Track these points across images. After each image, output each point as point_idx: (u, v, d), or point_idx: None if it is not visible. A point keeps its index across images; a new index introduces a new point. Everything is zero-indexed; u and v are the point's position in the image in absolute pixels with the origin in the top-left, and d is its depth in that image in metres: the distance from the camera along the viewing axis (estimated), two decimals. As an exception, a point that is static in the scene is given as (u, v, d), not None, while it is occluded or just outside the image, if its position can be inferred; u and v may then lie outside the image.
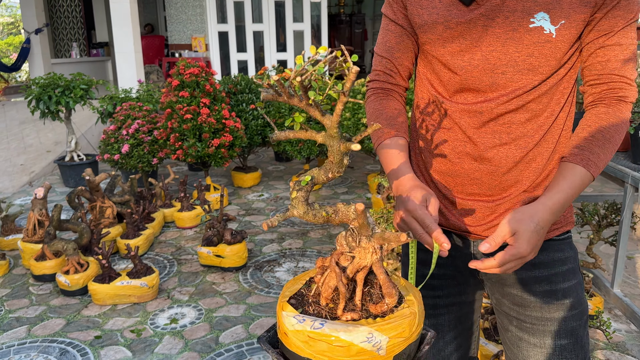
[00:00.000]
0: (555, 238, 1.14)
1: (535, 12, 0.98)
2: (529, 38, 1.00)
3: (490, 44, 1.02)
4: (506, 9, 1.00)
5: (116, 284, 2.83)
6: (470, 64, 1.04)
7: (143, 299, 2.89)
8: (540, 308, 1.14)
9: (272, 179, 5.42)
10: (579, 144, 1.00)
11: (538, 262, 1.13)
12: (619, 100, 1.03)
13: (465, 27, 1.03)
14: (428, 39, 1.09)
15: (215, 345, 2.50)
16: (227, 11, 7.96)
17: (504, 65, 1.02)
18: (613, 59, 1.01)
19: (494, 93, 1.05)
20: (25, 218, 4.28)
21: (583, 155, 0.98)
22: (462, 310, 1.27)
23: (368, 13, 13.03)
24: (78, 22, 11.35)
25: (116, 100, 4.94)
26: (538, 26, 0.99)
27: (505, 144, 1.07)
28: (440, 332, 1.28)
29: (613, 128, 1.01)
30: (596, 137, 0.99)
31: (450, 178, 1.14)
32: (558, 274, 1.13)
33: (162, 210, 4.06)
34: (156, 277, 2.92)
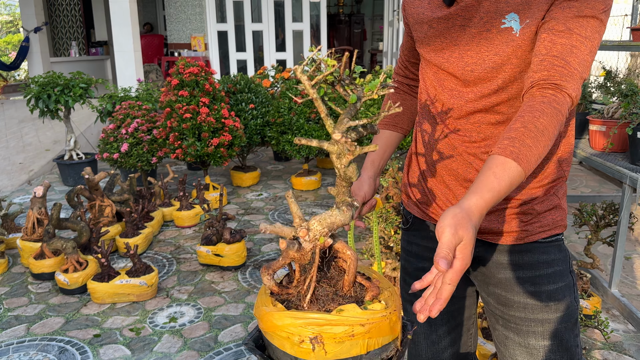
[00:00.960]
0: (540, 240, 1.14)
1: (506, 13, 1.00)
2: (500, 38, 1.02)
3: (467, 44, 1.06)
4: (482, 10, 1.03)
5: (115, 282, 2.83)
6: (448, 61, 1.09)
7: (142, 298, 2.89)
8: (524, 309, 1.14)
9: (271, 179, 5.42)
10: (510, 135, 0.90)
11: (522, 262, 1.13)
12: (555, 89, 0.93)
13: (445, 27, 1.09)
14: (417, 37, 1.17)
15: (214, 344, 2.50)
16: (226, 11, 7.96)
17: (474, 63, 1.05)
18: (559, 43, 0.95)
19: (465, 90, 1.09)
20: (25, 217, 4.28)
21: (514, 148, 0.88)
22: (454, 305, 1.29)
23: (367, 13, 13.04)
24: (77, 20, 11.34)
25: (115, 99, 4.94)
26: (508, 27, 1.00)
27: (474, 142, 1.11)
28: (433, 325, 1.31)
29: (548, 120, 0.91)
30: (529, 129, 0.89)
31: (433, 169, 1.20)
32: (543, 275, 1.13)
33: (161, 209, 4.06)
34: (155, 275, 2.92)
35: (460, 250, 0.79)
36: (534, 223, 1.12)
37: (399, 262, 2.84)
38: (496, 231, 1.14)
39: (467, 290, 1.30)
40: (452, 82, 1.11)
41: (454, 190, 1.17)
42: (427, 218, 1.25)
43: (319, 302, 0.87)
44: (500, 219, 1.13)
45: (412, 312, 1.35)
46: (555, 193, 1.14)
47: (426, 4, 1.14)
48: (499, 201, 0.87)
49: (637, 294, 2.94)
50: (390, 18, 7.82)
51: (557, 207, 1.14)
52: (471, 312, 1.33)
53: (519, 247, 1.14)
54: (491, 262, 1.17)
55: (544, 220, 1.13)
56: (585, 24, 0.96)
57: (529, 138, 0.88)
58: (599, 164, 2.79)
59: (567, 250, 1.18)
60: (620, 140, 2.87)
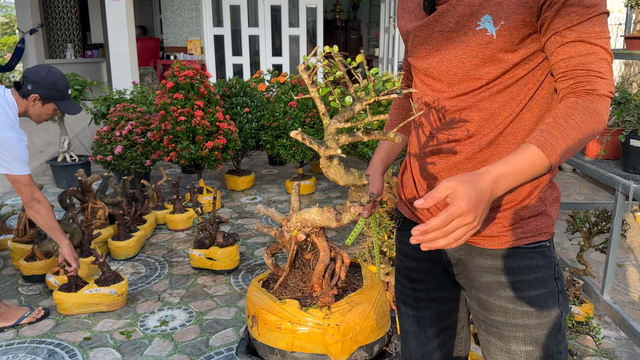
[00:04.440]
0: (523, 246, 1.13)
1: (481, 15, 1.03)
2: (475, 40, 1.04)
3: (447, 48, 1.09)
4: (457, 14, 1.06)
5: (84, 292, 2.73)
6: (431, 66, 1.13)
7: (112, 307, 2.79)
8: (504, 313, 1.14)
9: (265, 183, 5.41)
10: (540, 128, 0.96)
11: (504, 267, 1.14)
12: (587, 93, 0.97)
13: (427, 34, 1.13)
14: (407, 48, 1.23)
15: (206, 348, 2.49)
16: (223, 15, 7.97)
17: (455, 67, 1.08)
18: (575, 55, 0.98)
19: (448, 92, 1.12)
20: (16, 218, 4.25)
21: (541, 137, 0.93)
22: (443, 307, 1.30)
23: (364, 19, 13.09)
24: (73, 23, 11.32)
25: (110, 102, 4.93)
26: (483, 28, 1.03)
27: (458, 140, 1.12)
28: (422, 326, 1.32)
29: (579, 116, 0.95)
30: (558, 123, 0.94)
31: (421, 170, 1.22)
32: (524, 281, 1.13)
33: (154, 212, 4.04)
34: (125, 284, 2.84)
35: (451, 198, 0.84)
36: (517, 228, 1.12)
37: (392, 267, 2.84)
38: (478, 234, 1.15)
39: (458, 293, 1.30)
40: (437, 85, 1.14)
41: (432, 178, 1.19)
42: (415, 219, 1.27)
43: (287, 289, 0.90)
44: (484, 223, 1.13)
45: (404, 312, 1.35)
46: (543, 200, 1.13)
47: (412, 15, 1.18)
48: (518, 177, 0.91)
49: (630, 301, 2.94)
50: (386, 24, 7.85)
51: (543, 213, 1.13)
52: (461, 315, 1.33)
53: (501, 251, 1.14)
54: (474, 265, 1.17)
55: (527, 227, 1.12)
56: (591, 24, 0.97)
57: (557, 130, 0.93)
58: (592, 171, 2.80)
59: (553, 257, 1.17)
60: (613, 147, 2.88)
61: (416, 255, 1.28)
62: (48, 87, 2.59)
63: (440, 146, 1.15)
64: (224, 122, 4.28)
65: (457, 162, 1.13)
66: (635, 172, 2.61)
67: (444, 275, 1.27)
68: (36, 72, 2.58)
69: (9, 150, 2.38)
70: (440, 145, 1.15)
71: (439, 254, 1.24)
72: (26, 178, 2.46)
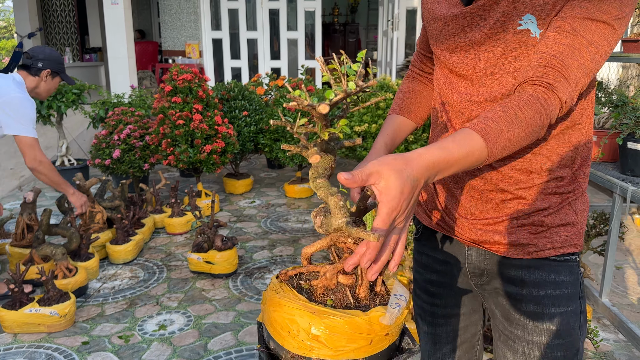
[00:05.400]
0: (552, 258, 1.05)
1: (522, 14, 0.95)
2: (516, 40, 0.97)
3: (484, 45, 1.01)
4: (498, 10, 0.98)
5: (24, 311, 2.55)
6: (464, 62, 1.05)
7: (54, 329, 2.61)
8: (523, 328, 1.08)
9: (264, 186, 5.41)
10: (487, 115, 0.86)
11: (528, 279, 1.07)
12: (547, 88, 0.89)
13: (460, 25, 1.04)
14: (431, 34, 1.12)
15: (204, 352, 2.48)
16: (221, 18, 7.98)
17: (492, 66, 1.01)
18: (561, 43, 0.90)
19: (476, 95, 1.04)
20: (14, 222, 4.24)
21: (485, 125, 0.84)
22: (460, 323, 1.24)
23: (362, 23, 13.12)
24: (72, 26, 11.33)
25: (108, 105, 4.93)
26: (525, 29, 0.95)
27: None
28: (437, 344, 1.26)
29: (530, 112, 0.87)
30: (508, 114, 0.85)
31: None
32: (548, 296, 1.05)
33: (153, 216, 4.04)
34: (70, 304, 2.64)
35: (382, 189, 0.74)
36: (543, 237, 1.05)
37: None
38: (503, 242, 1.08)
39: (475, 306, 1.24)
40: (463, 86, 1.07)
41: (458, 197, 1.12)
42: (434, 227, 1.20)
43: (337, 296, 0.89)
44: (508, 229, 1.07)
45: (420, 327, 1.30)
46: (573, 208, 1.05)
47: (447, 1, 1.08)
48: (450, 168, 0.81)
49: (628, 304, 2.94)
50: (384, 28, 7.87)
51: (573, 223, 1.05)
52: (477, 329, 1.28)
53: (527, 262, 1.07)
54: (499, 275, 1.11)
55: (555, 236, 1.05)
56: (594, 28, 0.90)
57: (504, 122, 0.85)
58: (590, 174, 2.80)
59: (580, 274, 1.09)
60: (611, 150, 2.89)
61: (437, 267, 1.22)
62: (56, 62, 2.91)
63: None
64: (222, 126, 4.28)
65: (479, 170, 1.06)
66: (633, 174, 2.61)
67: (464, 291, 1.21)
68: (41, 51, 2.87)
69: (14, 110, 2.56)
70: None
71: (463, 265, 1.17)
72: (30, 139, 2.65)
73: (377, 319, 0.84)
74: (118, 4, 6.06)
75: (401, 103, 1.30)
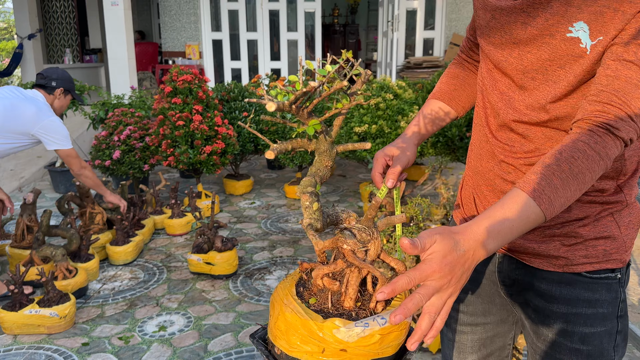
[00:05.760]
0: (585, 274, 0.97)
1: (574, 20, 0.85)
2: (563, 48, 0.88)
3: (529, 45, 0.93)
4: (548, 10, 0.88)
5: (24, 312, 2.55)
6: (507, 60, 0.97)
7: (54, 330, 2.60)
8: (551, 345, 1.01)
9: (264, 187, 5.41)
10: (538, 170, 0.79)
11: (559, 295, 0.99)
12: (607, 131, 0.81)
13: (507, 21, 0.96)
14: (479, 24, 1.06)
15: (204, 353, 2.48)
16: (221, 19, 7.99)
17: (535, 70, 0.93)
18: (623, 77, 0.81)
19: (516, 98, 0.97)
20: (14, 223, 4.24)
21: (538, 185, 0.77)
22: (487, 332, 1.17)
23: (362, 23, 13.12)
24: (72, 28, 11.34)
25: (108, 106, 4.93)
26: (575, 37, 0.86)
27: (515, 153, 1.00)
28: (462, 352, 1.20)
29: (587, 162, 0.79)
30: (562, 168, 0.78)
31: (475, 176, 1.11)
32: (580, 314, 0.97)
33: (153, 217, 4.03)
34: (70, 306, 2.64)
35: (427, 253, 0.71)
36: (577, 250, 0.96)
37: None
38: (533, 252, 1.01)
39: (503, 316, 1.16)
40: (504, 85, 1.00)
41: (490, 201, 1.06)
42: None
43: None
44: (539, 238, 0.99)
45: (445, 335, 1.24)
46: (616, 220, 0.97)
47: None
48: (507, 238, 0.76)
49: (629, 304, 2.94)
50: (384, 29, 7.87)
51: (614, 237, 0.96)
52: (506, 341, 1.20)
53: (559, 276, 0.99)
54: (530, 286, 1.05)
55: (592, 250, 0.96)
56: None
57: (558, 178, 0.78)
58: None
59: (620, 292, 0.98)
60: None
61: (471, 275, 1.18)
62: (68, 81, 3.20)
63: (494, 154, 1.04)
64: (222, 127, 4.28)
65: (510, 172, 1.01)
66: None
67: (492, 299, 1.15)
68: (54, 71, 3.16)
69: (57, 130, 2.99)
70: (493, 153, 1.04)
71: (492, 274, 1.12)
72: (74, 151, 3.11)
73: (330, 329, 0.79)
74: (118, 5, 6.06)
75: (443, 88, 1.20)
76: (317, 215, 0.82)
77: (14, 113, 2.88)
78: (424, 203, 2.75)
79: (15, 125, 2.90)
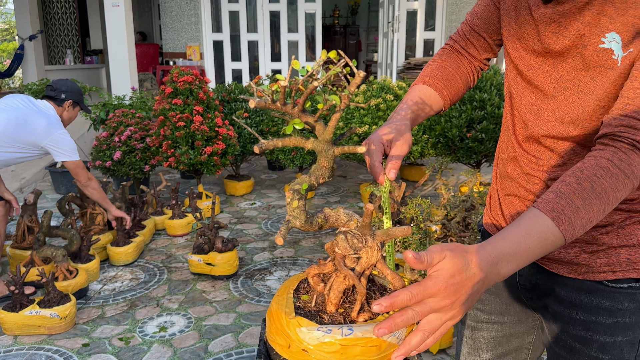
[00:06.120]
0: (606, 282, 0.93)
1: (607, 31, 0.82)
2: (596, 59, 0.85)
3: (561, 54, 0.90)
4: (580, 20, 0.85)
5: (25, 313, 2.56)
6: (541, 68, 0.93)
7: (54, 331, 2.61)
8: (570, 351, 0.98)
9: (264, 188, 5.41)
10: (558, 189, 0.75)
11: (579, 302, 0.96)
12: (633, 147, 0.77)
13: (537, 31, 0.92)
14: (505, 24, 1.01)
15: (204, 354, 2.48)
16: (222, 20, 7.99)
17: (569, 80, 0.90)
18: None
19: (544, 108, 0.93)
20: (15, 224, 4.24)
21: (558, 205, 0.73)
22: (503, 331, 1.15)
23: (362, 24, 13.13)
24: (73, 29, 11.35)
25: (109, 107, 4.93)
26: (607, 48, 0.83)
27: (541, 165, 0.97)
28: (477, 349, 1.18)
29: (610, 180, 0.76)
30: (583, 186, 0.75)
31: (501, 179, 1.08)
32: (600, 323, 0.94)
33: (153, 218, 4.04)
34: (71, 306, 2.65)
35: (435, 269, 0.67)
36: (599, 258, 0.93)
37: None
38: (553, 257, 0.98)
39: (522, 318, 1.14)
40: (532, 94, 0.96)
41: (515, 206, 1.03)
42: (492, 231, 1.13)
43: None
44: None
45: (459, 331, 1.21)
46: None
47: None
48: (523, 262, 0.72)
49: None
50: (385, 30, 7.88)
51: (639, 246, 0.92)
52: (523, 343, 1.16)
53: (579, 283, 0.96)
54: (550, 291, 1.02)
55: (614, 258, 0.92)
56: None
57: (579, 197, 0.74)
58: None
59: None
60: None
61: None
62: (77, 93, 3.24)
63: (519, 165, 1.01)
64: (222, 127, 4.28)
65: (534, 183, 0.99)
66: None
67: (511, 301, 1.12)
68: (63, 83, 3.22)
69: (65, 143, 3.03)
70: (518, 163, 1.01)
71: (512, 277, 1.08)
72: (81, 162, 3.13)
73: (294, 327, 0.80)
74: (119, 6, 6.07)
75: (433, 74, 1.11)
76: (296, 213, 0.81)
77: (26, 125, 2.92)
78: (424, 204, 2.75)
79: (27, 137, 2.93)
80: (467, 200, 2.91)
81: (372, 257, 0.83)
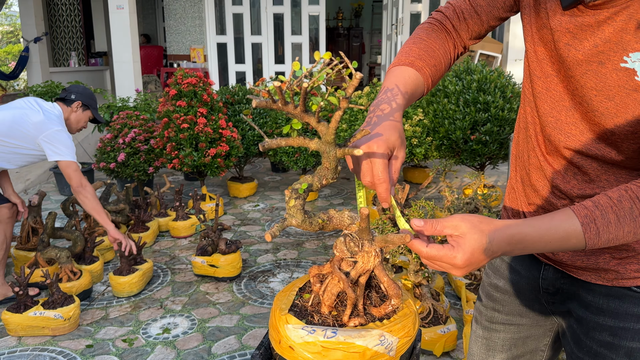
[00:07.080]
0: (635, 288, 0.92)
1: (631, 50, 0.77)
2: (614, 79, 0.80)
3: (570, 68, 0.86)
4: (599, 36, 0.80)
5: (29, 314, 2.56)
6: (557, 76, 0.89)
7: (58, 332, 2.61)
8: (594, 356, 0.97)
9: (268, 190, 5.41)
10: (598, 200, 0.76)
11: (607, 308, 0.95)
12: None
13: (551, 39, 0.88)
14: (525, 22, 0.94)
15: (208, 355, 2.48)
16: (226, 23, 8.01)
17: (581, 96, 0.86)
18: None
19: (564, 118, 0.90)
20: (19, 225, 4.26)
21: (591, 213, 0.74)
22: (519, 333, 1.14)
23: (366, 27, 13.14)
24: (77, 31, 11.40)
25: (113, 109, 4.95)
26: (630, 68, 0.78)
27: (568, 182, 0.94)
28: (491, 350, 1.17)
29: None
30: (622, 204, 0.74)
31: (523, 187, 1.06)
32: (627, 329, 0.93)
33: (157, 219, 4.04)
34: (75, 308, 2.64)
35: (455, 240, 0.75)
36: (629, 264, 0.92)
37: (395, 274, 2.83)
38: (581, 265, 0.96)
39: (540, 320, 1.12)
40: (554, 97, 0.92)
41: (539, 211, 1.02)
42: None
43: None
44: (588, 251, 0.94)
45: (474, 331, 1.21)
46: None
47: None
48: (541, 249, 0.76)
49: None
50: (388, 32, 7.88)
51: None
52: (538, 345, 1.15)
53: (607, 289, 0.95)
54: (575, 296, 1.01)
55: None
56: None
57: (613, 213, 0.74)
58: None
59: None
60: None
61: (507, 274, 1.12)
62: (88, 96, 3.20)
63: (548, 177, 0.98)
64: (226, 129, 4.29)
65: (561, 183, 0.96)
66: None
67: (531, 304, 1.11)
68: (76, 87, 3.23)
69: (61, 141, 2.89)
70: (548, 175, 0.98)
71: (535, 280, 1.07)
72: (75, 164, 2.94)
73: (282, 323, 0.83)
74: (123, 8, 6.10)
75: (423, 56, 0.98)
76: (292, 212, 0.83)
77: (22, 119, 2.88)
78: (428, 206, 2.75)
79: (22, 129, 2.86)
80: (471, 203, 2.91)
81: (369, 262, 0.83)
